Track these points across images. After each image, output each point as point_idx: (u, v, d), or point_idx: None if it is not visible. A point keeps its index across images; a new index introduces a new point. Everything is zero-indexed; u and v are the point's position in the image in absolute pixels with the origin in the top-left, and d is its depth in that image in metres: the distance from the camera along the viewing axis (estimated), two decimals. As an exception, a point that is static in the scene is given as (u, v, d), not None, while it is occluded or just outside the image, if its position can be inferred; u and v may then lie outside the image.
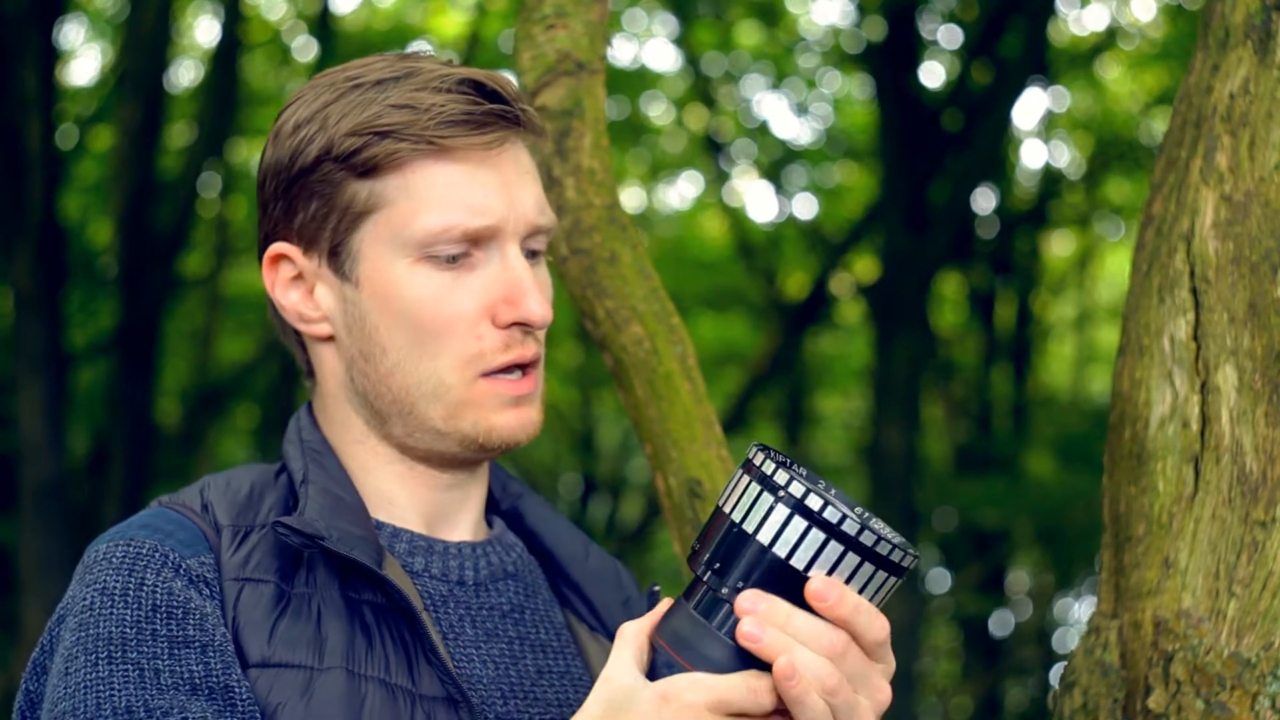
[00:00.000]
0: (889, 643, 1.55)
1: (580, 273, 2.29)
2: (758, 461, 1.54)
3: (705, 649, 1.54)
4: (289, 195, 1.80)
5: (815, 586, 1.50)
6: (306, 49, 14.00)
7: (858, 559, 1.50)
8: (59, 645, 1.68)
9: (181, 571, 1.69)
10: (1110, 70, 14.24)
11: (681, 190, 17.19)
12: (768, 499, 1.52)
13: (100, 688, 1.61)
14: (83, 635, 1.65)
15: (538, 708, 1.81)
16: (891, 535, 1.52)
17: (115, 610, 1.65)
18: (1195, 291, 2.10)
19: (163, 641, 1.64)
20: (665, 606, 1.59)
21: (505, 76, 1.81)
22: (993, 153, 12.00)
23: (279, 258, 1.83)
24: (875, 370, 11.51)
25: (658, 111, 15.09)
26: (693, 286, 14.43)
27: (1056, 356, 17.06)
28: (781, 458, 1.55)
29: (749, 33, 14.19)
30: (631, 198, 15.67)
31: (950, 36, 13.53)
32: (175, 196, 11.07)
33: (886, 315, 11.11)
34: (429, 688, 1.71)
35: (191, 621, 1.66)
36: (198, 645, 1.65)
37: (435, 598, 1.80)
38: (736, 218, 14.61)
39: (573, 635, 1.92)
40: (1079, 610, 16.49)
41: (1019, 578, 16.48)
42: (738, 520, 1.54)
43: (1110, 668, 2.07)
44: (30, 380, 9.60)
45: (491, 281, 1.77)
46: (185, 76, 14.14)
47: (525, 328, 1.77)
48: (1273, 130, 2.10)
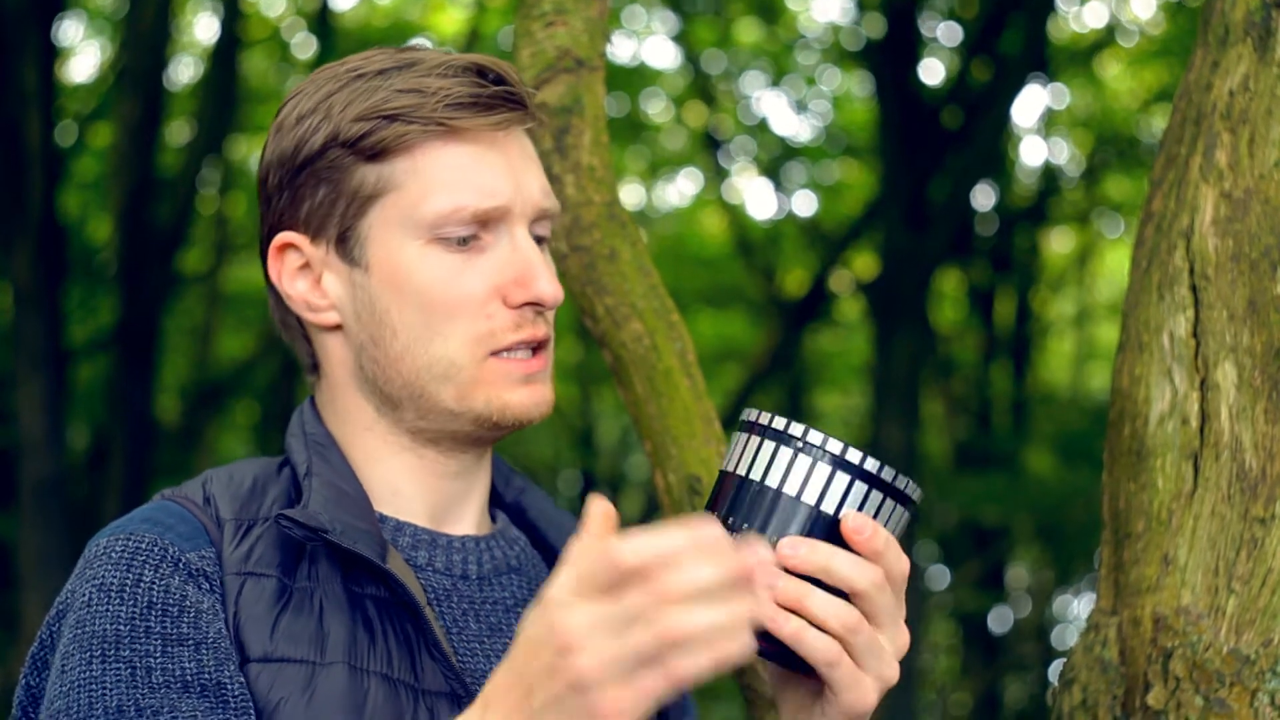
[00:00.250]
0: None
1: (580, 270, 2.29)
2: (765, 420, 1.57)
3: None
4: (294, 185, 1.79)
5: (854, 522, 1.54)
6: (306, 46, 14.00)
7: (880, 495, 1.55)
8: (58, 641, 1.68)
9: (181, 566, 1.69)
10: (1110, 67, 14.24)
11: (681, 187, 17.21)
12: (786, 451, 1.54)
13: (93, 687, 1.61)
14: (79, 632, 1.65)
15: None
16: (897, 472, 1.57)
17: (111, 607, 1.65)
18: (1195, 288, 2.10)
19: (156, 639, 1.64)
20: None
21: (508, 63, 1.81)
22: (992, 150, 12.00)
23: (285, 247, 1.82)
24: (875, 367, 11.51)
25: (657, 108, 15.09)
26: (692, 283, 14.43)
27: (1056, 353, 17.06)
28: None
29: (748, 30, 14.19)
30: (631, 195, 15.67)
31: (950, 33, 13.53)
32: (175, 193, 11.07)
33: (886, 312, 11.11)
34: (432, 682, 1.70)
35: (186, 619, 1.66)
36: (191, 643, 1.65)
37: (438, 592, 1.80)
38: (736, 215, 14.61)
39: None
40: (1078, 607, 16.51)
41: (1018, 574, 16.49)
42: (757, 478, 1.56)
43: (1109, 664, 2.07)
44: (30, 376, 9.59)
45: (502, 263, 1.77)
46: (185, 73, 14.15)
47: (537, 308, 1.78)
48: (1272, 127, 2.10)
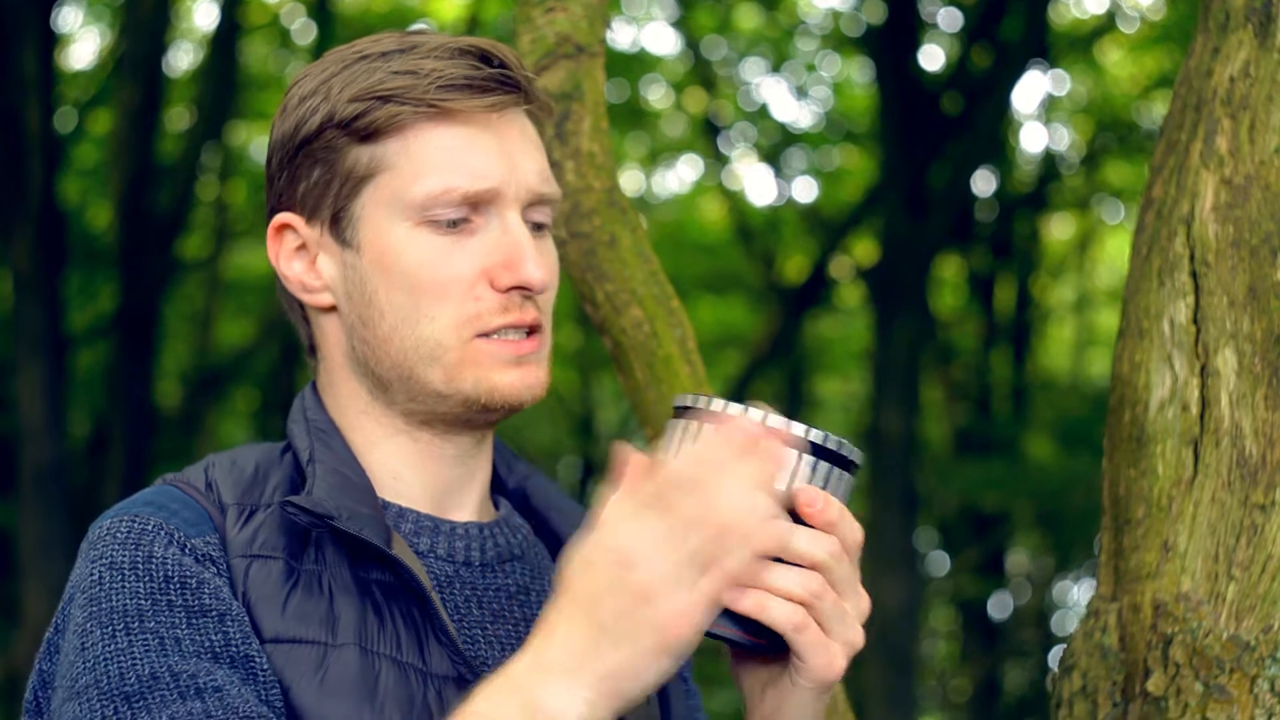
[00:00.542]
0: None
1: (580, 256, 2.29)
2: (700, 404, 1.57)
3: None
4: (293, 165, 1.80)
5: (806, 497, 1.54)
6: (305, 32, 13.99)
7: (827, 465, 1.55)
8: (70, 622, 1.67)
9: (188, 550, 1.68)
10: (1110, 53, 14.23)
11: (681, 174, 17.20)
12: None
13: (121, 658, 1.59)
14: (95, 610, 1.63)
15: None
16: (840, 439, 1.57)
17: (127, 584, 1.64)
18: (1195, 275, 2.10)
19: (180, 611, 1.63)
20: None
21: (509, 47, 1.80)
22: (993, 136, 11.99)
23: (283, 228, 1.83)
24: (875, 353, 11.51)
25: (657, 95, 15.08)
26: (692, 270, 14.43)
27: (1056, 340, 17.05)
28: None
29: (748, 16, 14.18)
30: (631, 181, 15.66)
31: (950, 19, 13.52)
32: (174, 180, 11.07)
33: (886, 298, 11.11)
34: (439, 667, 1.70)
35: (206, 591, 1.65)
36: (215, 614, 1.64)
37: (441, 578, 1.80)
38: (736, 201, 14.60)
39: None
40: (1078, 593, 16.52)
41: (1018, 560, 16.50)
42: None
43: (1109, 651, 2.08)
44: (30, 363, 9.60)
45: (491, 246, 1.75)
46: (184, 60, 14.14)
47: (524, 292, 1.76)
48: (1273, 113, 2.09)
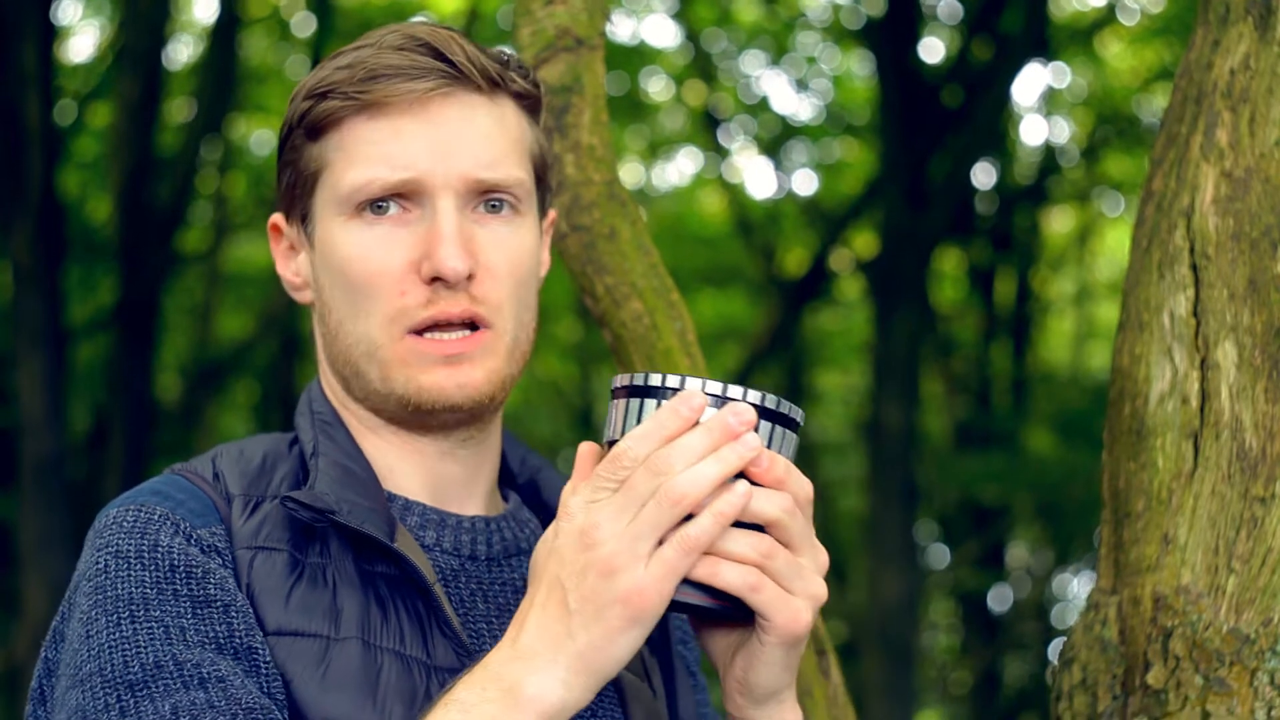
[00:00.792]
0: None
1: (579, 249, 2.29)
2: (637, 381, 1.58)
3: None
4: (279, 166, 1.85)
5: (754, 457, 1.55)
6: (305, 25, 13.97)
7: (769, 425, 1.56)
8: (75, 610, 1.67)
9: (194, 540, 1.68)
10: (1111, 46, 14.21)
11: (681, 166, 17.17)
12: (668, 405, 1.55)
13: (126, 646, 1.60)
14: (100, 598, 1.64)
15: None
16: (779, 398, 1.58)
17: (133, 572, 1.64)
18: (1195, 268, 2.10)
19: (185, 601, 1.63)
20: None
21: (461, 35, 1.79)
22: (993, 128, 11.99)
23: (274, 229, 1.88)
24: (875, 346, 11.51)
25: (657, 87, 15.06)
26: (692, 262, 14.42)
27: (1056, 332, 17.04)
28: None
29: (748, 8, 14.16)
30: (630, 174, 15.64)
31: (950, 12, 13.50)
32: (174, 172, 11.06)
33: (886, 291, 11.10)
34: (443, 659, 1.70)
35: (211, 582, 1.66)
36: (219, 605, 1.64)
37: (446, 572, 1.80)
38: (736, 194, 14.58)
39: None
40: (1078, 586, 16.52)
41: (1018, 553, 16.49)
42: None
43: (1109, 644, 2.08)
44: (30, 356, 9.60)
45: (419, 236, 1.76)
46: (184, 52, 14.13)
47: (444, 283, 1.74)
48: (1273, 106, 2.09)
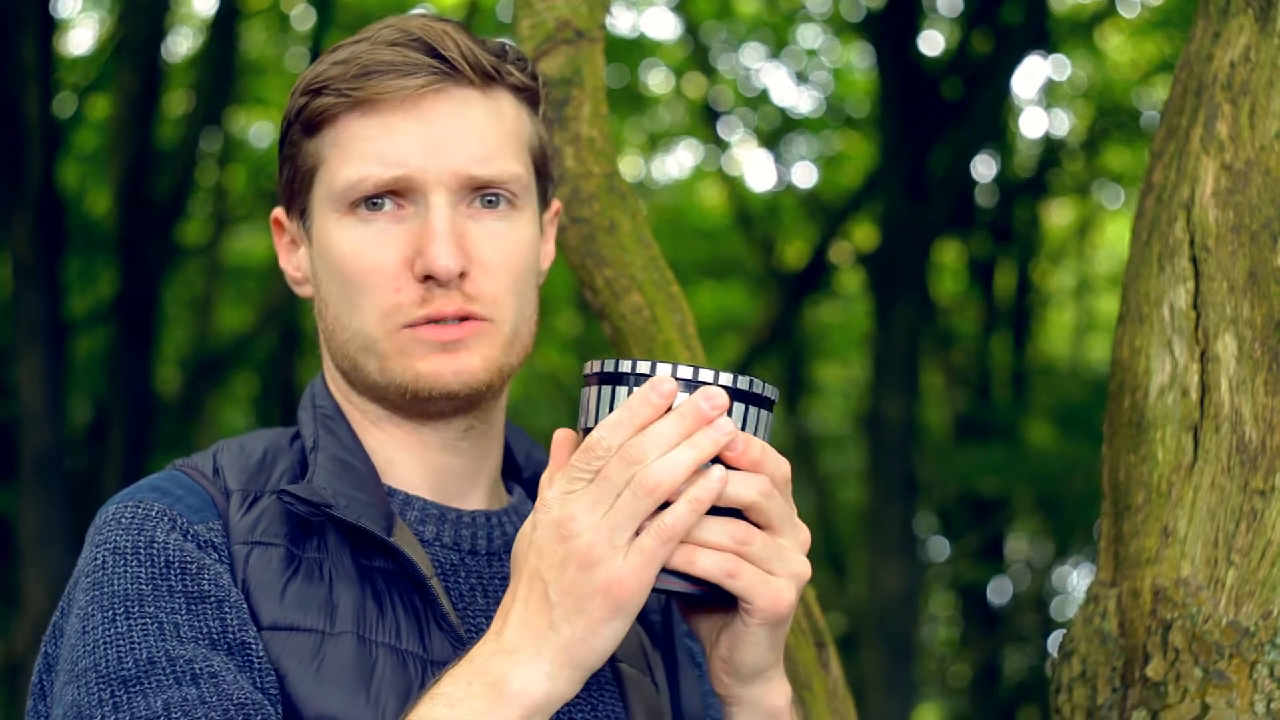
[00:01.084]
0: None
1: (579, 241, 2.29)
2: (608, 368, 1.57)
3: None
4: (280, 161, 1.86)
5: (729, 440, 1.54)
6: (305, 18, 13.96)
7: (743, 406, 1.55)
8: (73, 606, 1.69)
9: (190, 536, 1.69)
10: (1111, 38, 14.19)
11: (680, 159, 17.16)
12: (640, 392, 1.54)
13: (120, 642, 1.61)
14: (97, 594, 1.65)
15: None
16: (751, 378, 1.57)
17: (129, 569, 1.66)
18: (1195, 260, 2.10)
19: (179, 597, 1.65)
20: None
21: (457, 29, 1.79)
22: (993, 121, 11.97)
23: (276, 223, 1.89)
24: (875, 339, 11.50)
25: (657, 80, 15.05)
26: (692, 255, 14.41)
27: (1056, 325, 17.03)
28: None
29: (748, 1, 14.15)
30: (630, 166, 15.63)
31: (950, 4, 13.48)
32: (174, 165, 11.06)
33: (886, 284, 11.10)
34: (440, 653, 1.71)
35: (206, 578, 1.67)
36: (213, 601, 1.66)
37: (446, 566, 1.80)
38: (735, 186, 14.58)
39: None
40: (1077, 578, 16.52)
41: (1018, 546, 16.50)
42: None
43: (1109, 636, 2.08)
44: (30, 349, 9.60)
45: (412, 233, 1.76)
46: (183, 45, 14.11)
47: (435, 281, 1.75)
48: (1273, 98, 2.09)
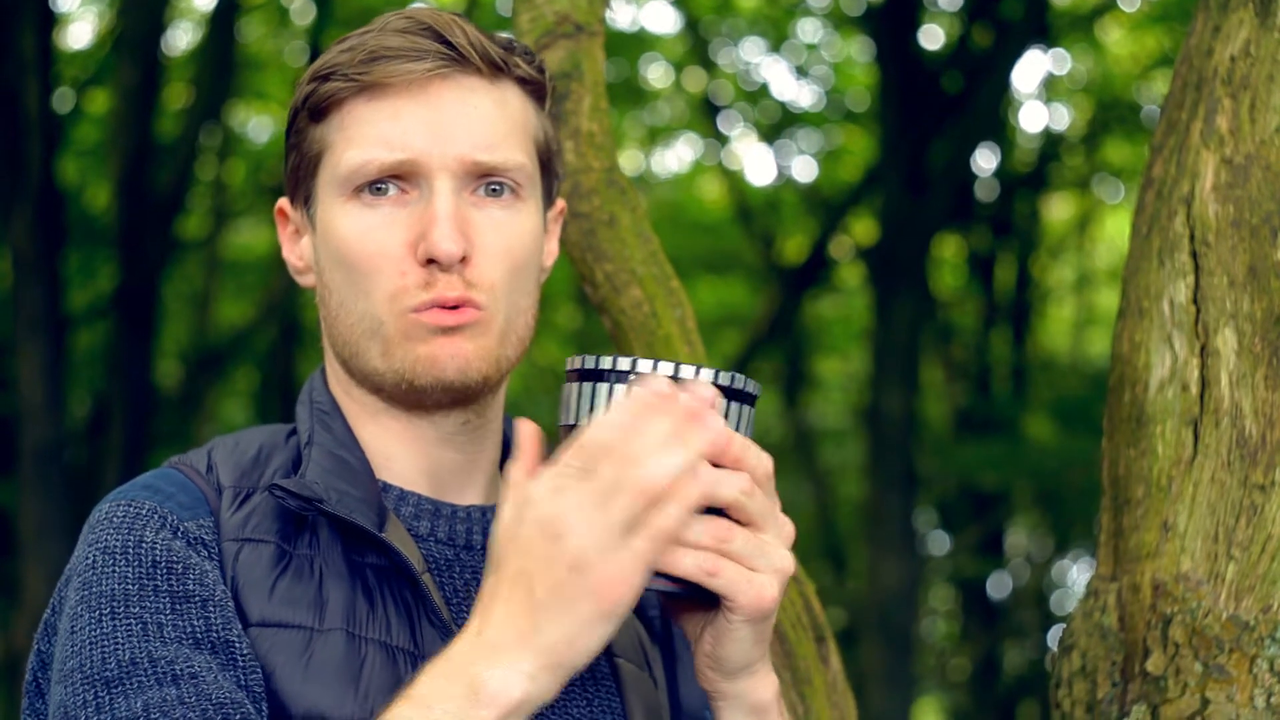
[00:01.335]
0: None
1: (579, 236, 2.29)
2: (590, 364, 1.57)
3: None
4: (285, 151, 1.85)
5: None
6: (304, 12, 13.95)
7: (725, 402, 1.55)
8: (65, 605, 1.70)
9: (180, 534, 1.70)
10: (1111, 32, 14.19)
11: (680, 153, 17.16)
12: (620, 388, 1.54)
13: (105, 642, 1.62)
14: (86, 594, 1.66)
15: None
16: (733, 373, 1.57)
17: (117, 568, 1.67)
18: (1195, 255, 2.10)
19: (164, 597, 1.65)
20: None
21: (465, 20, 1.80)
22: (993, 115, 11.98)
23: (280, 214, 1.90)
24: (874, 333, 11.50)
25: (656, 74, 15.04)
26: (691, 249, 14.40)
27: (1056, 319, 17.03)
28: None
29: (748, -6, 14.15)
30: (630, 160, 15.63)
31: (951, -2, 13.48)
32: (173, 159, 11.05)
33: (886, 278, 11.10)
34: (432, 649, 1.70)
35: (192, 577, 1.67)
36: (198, 600, 1.66)
37: (440, 562, 1.80)
38: (735, 181, 14.57)
39: None
40: (1077, 573, 16.54)
41: (1017, 540, 16.50)
42: None
43: (1109, 631, 2.08)
44: (30, 343, 9.60)
45: (415, 217, 1.76)
46: (182, 39, 14.11)
47: (439, 265, 1.75)
48: (1273, 93, 2.09)
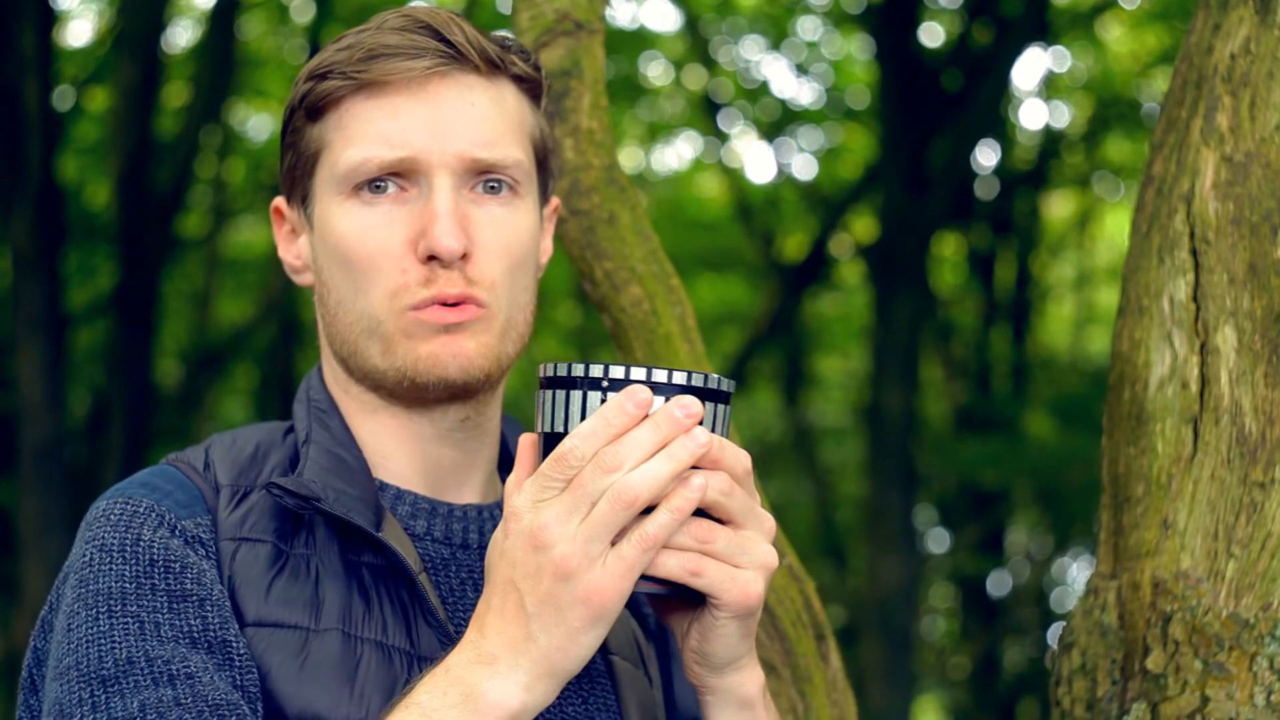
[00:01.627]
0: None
1: (579, 234, 2.29)
2: (562, 371, 1.58)
3: None
4: (281, 150, 1.86)
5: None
6: (304, 10, 13.94)
7: (699, 403, 1.55)
8: (62, 602, 1.70)
9: (177, 532, 1.70)
10: (1111, 30, 14.18)
11: (680, 151, 17.14)
12: (595, 395, 1.55)
13: (102, 641, 1.62)
14: (83, 591, 1.67)
15: None
16: (705, 374, 1.58)
17: (114, 566, 1.67)
18: (1195, 252, 2.10)
19: (161, 595, 1.66)
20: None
21: (462, 18, 1.80)
22: (993, 113, 11.96)
23: (276, 213, 1.90)
24: (874, 331, 11.49)
25: (656, 72, 15.03)
26: (691, 247, 14.40)
27: (1056, 317, 17.02)
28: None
29: (748, -8, 14.14)
30: (629, 158, 15.62)
31: (951, -5, 13.46)
32: (173, 157, 11.04)
33: (886, 276, 11.09)
34: (428, 648, 1.71)
35: (189, 576, 1.68)
36: (195, 599, 1.66)
37: (436, 561, 1.80)
38: (735, 178, 14.57)
39: None
40: (1077, 571, 16.53)
41: (1017, 538, 16.50)
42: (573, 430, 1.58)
43: (1109, 628, 2.08)
44: (29, 341, 9.59)
45: (415, 215, 1.77)
46: (182, 37, 14.10)
47: (439, 262, 1.76)
48: (1273, 90, 2.09)
